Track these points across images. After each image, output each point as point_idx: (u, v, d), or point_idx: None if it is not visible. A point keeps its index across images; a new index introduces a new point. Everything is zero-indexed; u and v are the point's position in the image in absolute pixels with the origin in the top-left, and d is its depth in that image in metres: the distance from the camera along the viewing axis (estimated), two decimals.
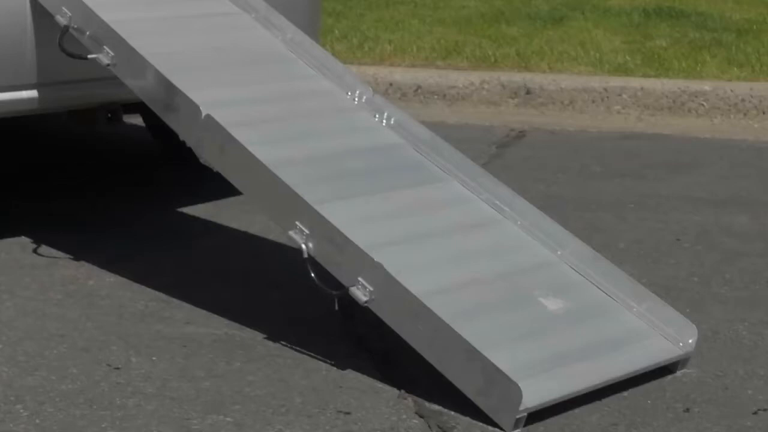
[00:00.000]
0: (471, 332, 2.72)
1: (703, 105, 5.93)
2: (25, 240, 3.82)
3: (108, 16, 3.42)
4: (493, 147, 5.28)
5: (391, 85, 6.18)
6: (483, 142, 5.33)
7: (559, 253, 3.17)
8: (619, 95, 5.97)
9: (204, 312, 3.27)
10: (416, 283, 2.81)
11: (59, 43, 3.47)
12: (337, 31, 7.39)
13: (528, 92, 6.05)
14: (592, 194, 4.55)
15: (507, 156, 5.14)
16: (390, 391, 2.84)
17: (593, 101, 5.98)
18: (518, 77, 6.16)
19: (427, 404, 2.78)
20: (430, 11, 8.45)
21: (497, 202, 3.27)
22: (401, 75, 6.26)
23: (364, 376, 2.91)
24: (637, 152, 5.23)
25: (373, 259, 2.84)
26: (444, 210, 3.23)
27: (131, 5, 3.63)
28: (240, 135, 3.12)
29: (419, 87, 6.18)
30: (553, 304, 2.99)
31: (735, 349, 3.15)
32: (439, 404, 2.77)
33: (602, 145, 5.34)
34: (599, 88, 6.00)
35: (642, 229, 4.14)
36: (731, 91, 5.94)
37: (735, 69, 6.29)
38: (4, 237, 3.84)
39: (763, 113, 5.87)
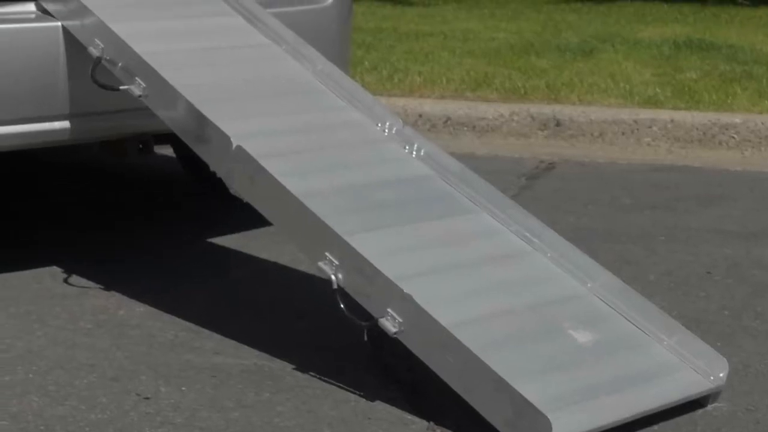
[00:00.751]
0: (500, 363, 2.72)
1: (733, 137, 5.91)
2: (55, 269, 3.84)
3: (140, 47, 3.45)
4: (523, 179, 5.28)
5: (420, 116, 6.19)
6: (512, 173, 5.33)
7: (588, 285, 3.16)
8: (649, 127, 5.96)
9: (233, 342, 3.27)
10: (445, 315, 2.81)
11: (91, 74, 3.49)
12: (367, 63, 7.42)
13: (558, 124, 6.05)
14: (622, 226, 4.54)
15: (536, 188, 5.14)
16: (419, 423, 2.84)
17: (623, 133, 5.98)
18: (548, 109, 6.16)
19: None
20: (459, 43, 8.47)
21: (527, 234, 3.26)
22: (431, 106, 6.28)
23: (393, 408, 2.90)
24: (667, 184, 5.21)
25: (402, 291, 2.84)
26: (473, 241, 3.22)
27: (163, 37, 3.65)
28: (270, 166, 3.13)
29: (449, 118, 6.19)
30: (582, 337, 2.98)
31: (766, 383, 3.13)
32: None
33: (632, 177, 5.33)
34: (629, 120, 6.00)
35: (672, 261, 4.12)
36: (762, 123, 5.92)
37: (766, 102, 6.27)
38: (35, 266, 3.86)
39: None
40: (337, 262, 2.96)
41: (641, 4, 11.71)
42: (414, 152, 3.48)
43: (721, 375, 2.98)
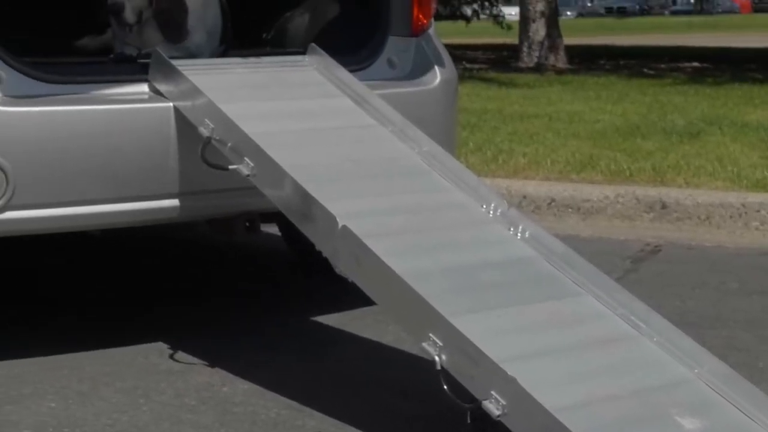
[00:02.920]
0: None
1: None
2: (162, 345, 3.88)
3: (249, 128, 3.50)
4: (628, 261, 5.23)
5: (524, 197, 6.19)
6: (617, 256, 5.28)
7: (696, 371, 3.11)
8: (758, 211, 5.88)
9: (335, 421, 3.27)
10: (550, 398, 2.78)
11: (201, 154, 3.55)
12: (471, 144, 7.45)
13: (663, 207, 6.00)
14: (730, 311, 4.47)
15: (642, 271, 5.09)
16: None
17: (731, 217, 5.90)
18: (654, 192, 6.12)
19: None
20: (564, 125, 8.48)
21: (632, 318, 3.23)
22: (535, 188, 6.27)
23: None
24: None
25: (506, 373, 2.82)
26: (578, 325, 3.20)
27: (272, 118, 3.71)
28: (375, 246, 3.14)
29: (553, 200, 6.17)
30: (689, 424, 2.92)
31: None
32: None
33: (740, 262, 5.26)
34: (737, 203, 5.93)
35: None
36: None
37: None
38: (141, 342, 3.91)
39: None
40: (441, 343, 2.95)
41: (749, 86, 11.62)
42: (519, 234, 3.47)
43: None
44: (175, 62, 3.73)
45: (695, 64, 15.95)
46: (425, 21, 4.33)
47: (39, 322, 4.16)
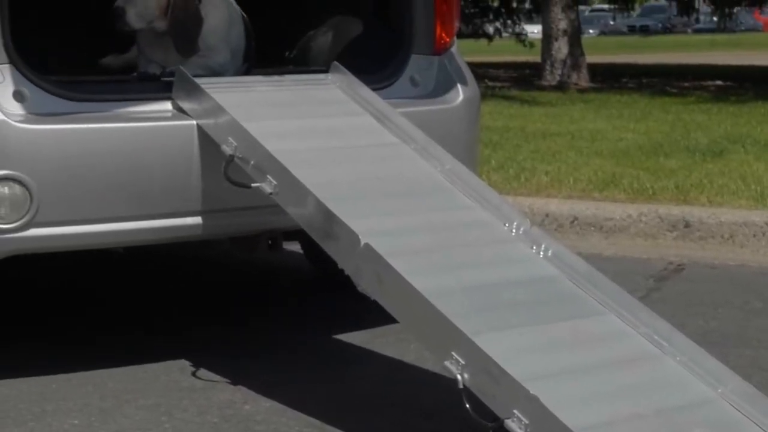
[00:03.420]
0: None
1: None
2: (184, 363, 3.89)
3: (271, 146, 3.51)
4: (651, 280, 5.22)
5: (547, 216, 6.18)
6: (640, 275, 5.27)
7: (719, 390, 3.09)
8: None
9: None
10: (573, 417, 2.77)
11: (224, 172, 3.55)
12: (493, 162, 7.45)
13: (687, 225, 5.98)
14: (754, 331, 4.45)
15: (665, 290, 5.07)
16: None
17: (754, 235, 5.88)
18: (677, 210, 6.10)
19: None
20: (587, 143, 8.47)
21: (656, 337, 3.22)
22: (557, 206, 6.26)
23: None
24: None
25: (528, 392, 2.81)
26: (601, 344, 3.19)
27: (295, 136, 3.71)
28: (398, 264, 3.14)
29: (576, 218, 6.16)
30: None
31: None
32: None
33: (764, 281, 5.23)
34: (760, 222, 5.90)
35: None
36: None
37: None
38: (164, 359, 3.91)
39: None
40: (463, 362, 2.95)
41: None
42: (541, 252, 3.47)
43: None
44: (198, 80, 3.74)
45: (718, 82, 15.93)
46: (448, 39, 4.34)
47: (62, 339, 4.17)
